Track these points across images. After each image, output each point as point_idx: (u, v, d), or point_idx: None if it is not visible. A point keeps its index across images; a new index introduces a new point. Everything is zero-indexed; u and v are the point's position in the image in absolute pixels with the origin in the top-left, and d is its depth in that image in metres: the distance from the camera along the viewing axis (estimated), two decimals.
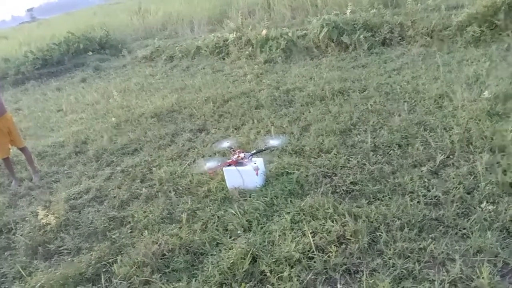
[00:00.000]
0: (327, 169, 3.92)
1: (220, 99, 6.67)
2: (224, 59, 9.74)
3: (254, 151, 4.18)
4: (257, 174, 3.78)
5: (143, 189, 4.36)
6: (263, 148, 4.44)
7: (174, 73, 9.67)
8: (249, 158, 3.96)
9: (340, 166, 3.92)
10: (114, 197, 4.37)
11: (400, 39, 7.61)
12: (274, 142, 4.54)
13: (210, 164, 4.25)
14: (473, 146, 3.77)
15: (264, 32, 9.34)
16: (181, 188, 4.21)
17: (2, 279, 3.47)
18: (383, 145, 4.13)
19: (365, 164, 3.85)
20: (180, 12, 16.24)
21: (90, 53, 13.68)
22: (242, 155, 3.97)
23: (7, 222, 4.32)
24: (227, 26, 12.00)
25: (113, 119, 6.86)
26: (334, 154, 4.15)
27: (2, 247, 3.93)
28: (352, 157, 4.02)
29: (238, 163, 3.92)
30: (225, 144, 4.41)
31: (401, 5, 9.63)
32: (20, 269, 3.42)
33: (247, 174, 3.82)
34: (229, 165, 3.95)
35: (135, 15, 18.54)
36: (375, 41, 7.73)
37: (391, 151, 3.98)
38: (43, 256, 3.63)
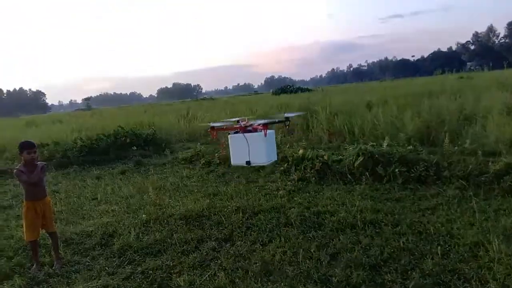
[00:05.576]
0: None
1: (250, 211, 6.72)
2: (259, 171, 10.01)
3: (265, 121, 3.92)
4: (265, 135, 3.56)
5: None
6: (276, 120, 4.24)
7: (210, 178, 9.95)
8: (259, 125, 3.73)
9: None
10: None
11: (435, 178, 7.64)
12: (289, 114, 4.40)
13: (215, 124, 4.05)
14: None
15: (300, 151, 9.68)
16: None
17: None
18: None
19: None
20: None
21: (135, 147, 14.39)
22: (251, 122, 3.78)
23: None
24: None
25: (143, 216, 6.98)
26: None
27: None
28: None
29: (246, 130, 3.72)
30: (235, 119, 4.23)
31: (438, 144, 9.88)
32: None
33: (254, 141, 3.58)
34: (236, 132, 3.75)
35: (182, 119, 19.90)
36: (410, 176, 7.79)
37: None
38: None
